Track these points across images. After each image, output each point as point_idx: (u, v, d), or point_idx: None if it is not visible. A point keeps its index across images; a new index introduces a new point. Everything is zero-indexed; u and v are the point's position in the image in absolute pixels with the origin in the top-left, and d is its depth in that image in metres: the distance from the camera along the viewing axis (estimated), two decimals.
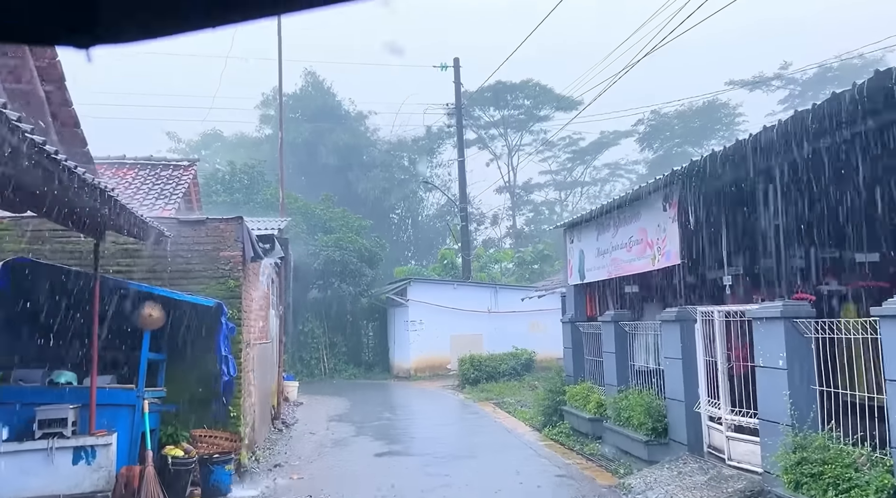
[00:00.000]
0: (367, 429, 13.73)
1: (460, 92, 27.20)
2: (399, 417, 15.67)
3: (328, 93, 45.89)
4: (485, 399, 17.86)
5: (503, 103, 51.86)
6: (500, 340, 26.15)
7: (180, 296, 8.44)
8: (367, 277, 28.48)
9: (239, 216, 9.63)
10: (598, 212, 11.10)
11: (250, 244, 9.50)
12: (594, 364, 11.83)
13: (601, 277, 11.41)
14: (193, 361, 9.26)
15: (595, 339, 11.71)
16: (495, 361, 21.86)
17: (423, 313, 26.83)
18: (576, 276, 12.47)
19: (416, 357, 26.70)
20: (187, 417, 9.20)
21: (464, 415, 15.54)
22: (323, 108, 44.43)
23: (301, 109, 44.60)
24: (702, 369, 8.18)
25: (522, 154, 55.38)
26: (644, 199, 9.63)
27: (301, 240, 26.99)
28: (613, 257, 10.77)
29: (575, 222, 12.25)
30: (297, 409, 17.60)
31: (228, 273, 9.52)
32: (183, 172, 15.99)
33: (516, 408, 15.75)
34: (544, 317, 27.63)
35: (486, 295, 27.80)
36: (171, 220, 9.52)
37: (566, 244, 13.02)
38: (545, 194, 57.68)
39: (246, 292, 9.81)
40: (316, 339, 28.06)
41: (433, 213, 52.67)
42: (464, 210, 27.63)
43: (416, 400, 19.50)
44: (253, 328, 11.01)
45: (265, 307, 12.86)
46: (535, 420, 13.50)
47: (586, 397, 11.48)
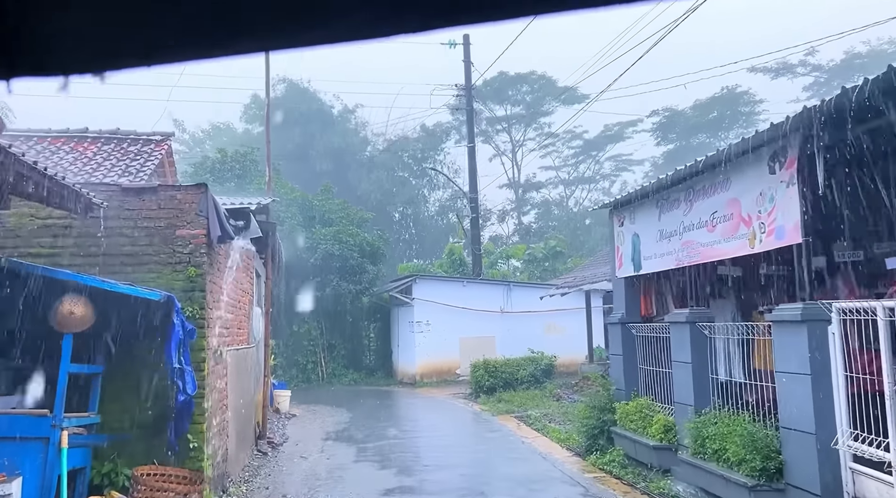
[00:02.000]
0: (370, 451, 11.39)
1: (470, 71, 24.89)
2: (408, 434, 13.32)
3: (311, 96, 44.08)
4: (504, 412, 15.51)
5: (505, 98, 49.70)
6: (513, 342, 23.86)
7: (114, 286, 6.10)
8: (369, 273, 26.14)
9: (202, 183, 7.31)
10: (663, 183, 8.76)
11: (217, 220, 7.18)
12: (654, 376, 9.49)
13: (666, 266, 9.08)
14: (140, 374, 6.94)
15: (655, 344, 9.38)
16: (512, 367, 19.50)
17: (430, 313, 24.52)
18: (627, 266, 10.13)
19: (421, 361, 24.37)
20: (131, 449, 6.87)
21: (484, 433, 13.20)
22: (308, 114, 42.66)
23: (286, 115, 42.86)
24: (840, 389, 5.84)
25: (526, 149, 53.31)
26: (736, 161, 7.29)
27: (297, 233, 24.67)
28: (686, 240, 8.43)
29: (627, 200, 9.90)
30: (288, 422, 15.26)
31: (188, 258, 7.19)
32: (154, 148, 13.65)
33: (544, 424, 13.41)
34: (562, 318, 25.36)
35: (498, 293, 25.47)
36: (110, 187, 7.19)
37: (613, 228, 10.68)
38: (550, 191, 55.53)
39: (212, 283, 7.48)
40: (313, 341, 25.74)
41: (436, 210, 50.55)
42: (474, 200, 25.30)
43: (426, 412, 17.16)
44: (226, 330, 8.68)
45: (245, 304, 10.54)
46: (575, 442, 11.16)
47: (646, 418, 9.14)
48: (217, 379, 7.85)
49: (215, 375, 7.78)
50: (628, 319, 10.18)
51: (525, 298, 25.44)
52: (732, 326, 7.78)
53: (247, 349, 10.62)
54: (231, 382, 8.93)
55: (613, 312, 10.66)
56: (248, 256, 10.97)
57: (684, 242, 8.49)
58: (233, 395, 9.05)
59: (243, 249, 9.60)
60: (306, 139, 41.18)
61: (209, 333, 7.30)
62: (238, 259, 9.39)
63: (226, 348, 8.59)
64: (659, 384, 9.35)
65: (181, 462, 6.98)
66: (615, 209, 10.53)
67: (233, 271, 8.92)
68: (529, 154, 53.43)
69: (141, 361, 6.91)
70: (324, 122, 43.32)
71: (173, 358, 6.36)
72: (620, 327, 10.23)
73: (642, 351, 9.93)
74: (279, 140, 42.16)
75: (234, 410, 9.08)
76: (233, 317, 9.30)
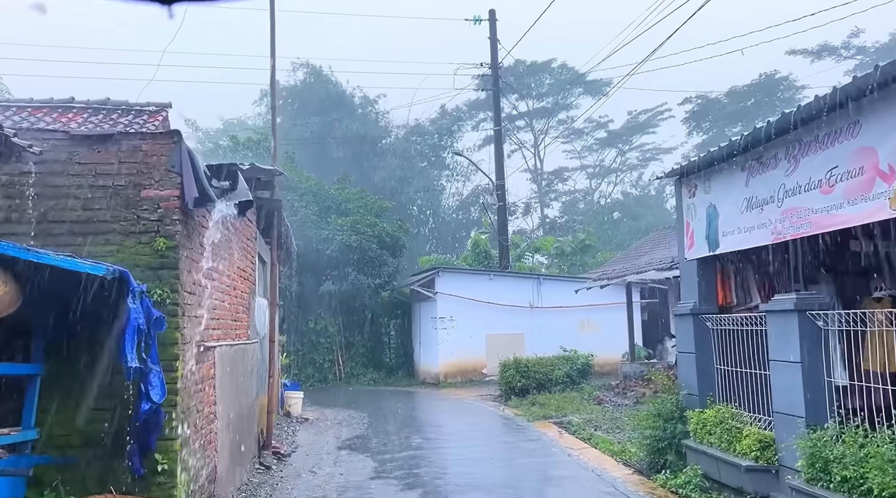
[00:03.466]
0: (391, 465, 9.75)
1: (497, 48, 23.12)
2: (433, 443, 11.66)
3: (331, 82, 42.92)
4: (541, 417, 13.78)
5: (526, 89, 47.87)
6: (544, 340, 22.15)
7: (38, 256, 4.50)
8: (389, 266, 24.53)
9: (173, 130, 5.69)
10: (756, 138, 6.97)
11: (194, 178, 5.56)
12: (738, 378, 7.72)
13: (756, 242, 7.31)
14: (92, 377, 5.34)
15: (740, 339, 7.62)
16: (545, 367, 17.74)
17: (454, 308, 22.84)
18: (700, 245, 8.36)
19: (445, 360, 22.71)
20: (81, 474, 5.29)
21: (521, 442, 11.48)
22: (328, 100, 41.60)
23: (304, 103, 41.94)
24: None
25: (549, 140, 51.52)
26: (870, 97, 5.52)
27: (312, 223, 23.13)
28: (789, 208, 6.66)
29: (701, 164, 8.11)
30: (300, 428, 13.69)
31: (156, 226, 5.59)
32: (148, 119, 12.12)
33: (590, 432, 11.66)
34: (597, 313, 23.55)
35: (527, 287, 23.71)
36: (53, 134, 5.60)
37: (682, 200, 8.90)
38: (574, 184, 53.67)
39: (190, 260, 5.86)
40: (329, 338, 24.18)
41: (456, 204, 48.97)
42: (500, 187, 23.55)
43: (452, 417, 15.48)
44: (215, 321, 7.08)
45: (244, 292, 8.94)
46: (633, 456, 9.42)
47: (731, 431, 7.38)
48: (198, 382, 6.24)
49: (196, 376, 6.17)
50: (702, 309, 8.40)
51: (556, 293, 23.69)
52: (854, 314, 5.98)
53: (246, 345, 9.02)
54: (222, 384, 7.32)
55: (682, 302, 8.88)
56: (248, 237, 9.38)
57: (786, 211, 6.71)
58: (224, 400, 7.45)
59: (238, 223, 8.00)
60: (324, 127, 39.96)
61: (184, 323, 5.68)
62: (231, 234, 7.79)
63: (215, 343, 6.98)
64: (745, 389, 7.58)
65: (147, 489, 5.39)
66: (684, 177, 8.75)
67: (224, 248, 7.31)
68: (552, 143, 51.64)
69: (94, 360, 5.32)
70: (343, 110, 42.08)
71: (129, 355, 4.76)
72: (692, 319, 8.45)
73: (721, 348, 8.16)
74: (297, 128, 41.16)
75: (225, 419, 7.47)
76: (226, 305, 7.70)
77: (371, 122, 44.77)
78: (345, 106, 43.26)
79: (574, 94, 48.52)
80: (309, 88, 42.74)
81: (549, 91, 48.33)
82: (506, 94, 45.97)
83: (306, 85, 43.07)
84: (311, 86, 42.92)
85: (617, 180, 52.73)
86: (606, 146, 51.65)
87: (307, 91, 42.36)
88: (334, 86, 43.33)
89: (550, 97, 46.19)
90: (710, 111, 43.01)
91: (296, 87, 42.99)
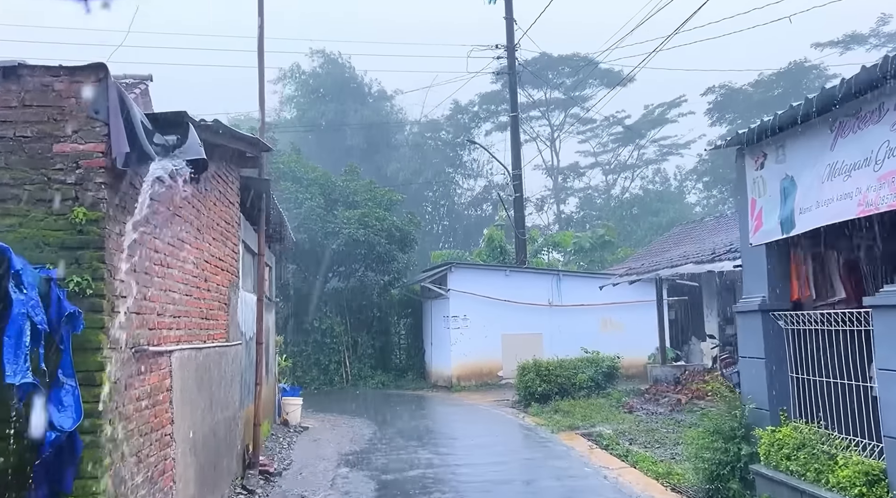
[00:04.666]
0: (397, 488, 8.32)
1: (513, 29, 21.62)
2: (446, 460, 10.20)
3: (346, 69, 41.83)
4: (566, 427, 12.29)
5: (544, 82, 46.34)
6: (563, 340, 20.64)
7: None
8: (399, 262, 23.10)
9: (97, 63, 4.26)
10: (847, 89, 5.46)
11: (126, 128, 4.15)
12: (824, 390, 6.21)
13: (838, 217, 5.83)
14: None
15: (826, 343, 6.11)
16: (568, 370, 16.23)
17: (468, 307, 21.40)
18: (771, 226, 6.85)
19: (458, 361, 21.27)
20: None
21: (547, 460, 9.98)
22: (343, 88, 40.53)
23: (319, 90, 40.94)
24: None
25: (565, 134, 49.98)
26: None
27: (317, 216, 21.76)
28: (890, 171, 5.15)
29: (772, 127, 6.58)
30: (297, 439, 12.29)
31: (74, 191, 4.18)
32: None
33: (625, 447, 10.16)
34: (620, 312, 22.00)
35: (546, 284, 22.20)
36: None
37: (744, 174, 7.38)
38: (590, 179, 52.06)
39: (121, 237, 4.44)
40: (336, 338, 22.80)
41: (469, 200, 47.62)
42: (517, 177, 22.03)
43: (466, 426, 14.01)
44: (175, 319, 5.68)
45: (221, 285, 7.52)
46: (683, 479, 7.91)
47: (820, 458, 5.88)
48: (140, 397, 4.83)
49: (136, 390, 4.76)
50: (773, 304, 6.88)
51: (577, 290, 22.17)
52: None
53: (223, 348, 7.62)
54: (184, 397, 5.91)
55: (746, 297, 7.35)
56: (228, 221, 7.97)
57: (886, 175, 5.21)
58: (187, 417, 6.04)
59: (212, 202, 6.58)
60: (338, 116, 38.78)
61: (114, 321, 4.27)
62: (201, 212, 6.37)
63: (171, 347, 5.57)
64: (834, 404, 6.07)
65: None
66: (749, 145, 7.22)
67: (187, 229, 5.90)
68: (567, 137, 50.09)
69: None
70: (357, 100, 40.99)
71: (8, 367, 3.34)
72: (761, 317, 6.94)
73: (798, 352, 6.64)
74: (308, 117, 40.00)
75: (188, 441, 6.06)
76: (192, 300, 6.29)
77: (386, 113, 43.63)
78: (359, 96, 42.15)
79: (591, 85, 46.92)
80: (324, 76, 41.55)
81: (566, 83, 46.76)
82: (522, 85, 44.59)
83: (323, 71, 41.86)
84: (327, 72, 41.73)
85: (634, 176, 51.05)
86: (623, 141, 50.00)
87: (322, 79, 41.20)
88: (349, 75, 42.16)
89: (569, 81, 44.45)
90: (734, 102, 41.18)
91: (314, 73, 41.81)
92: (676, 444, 10.23)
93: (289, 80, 43.03)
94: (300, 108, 42.72)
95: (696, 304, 19.85)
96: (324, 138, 38.45)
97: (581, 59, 45.64)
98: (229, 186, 8.11)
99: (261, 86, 9.30)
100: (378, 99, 43.76)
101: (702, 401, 13.90)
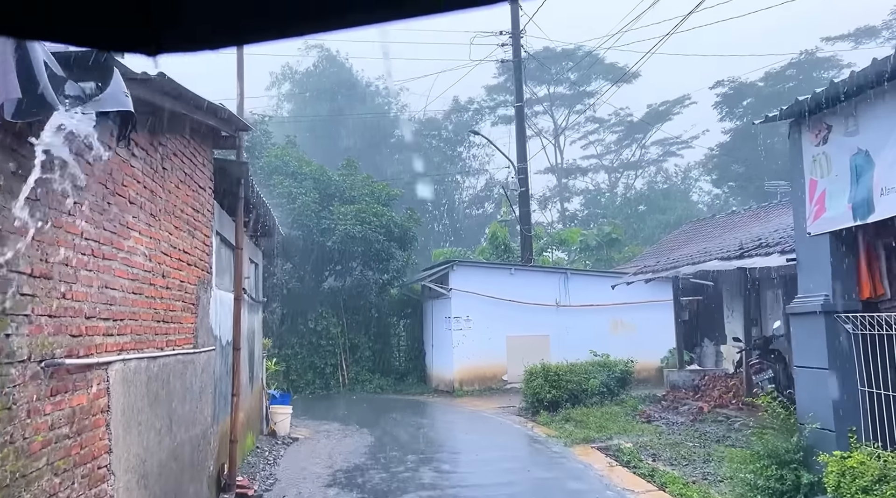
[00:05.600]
0: None
1: (518, 14, 20.52)
2: (449, 480, 9.09)
3: (345, 68, 40.97)
4: (580, 440, 11.18)
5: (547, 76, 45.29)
6: (571, 343, 19.54)
7: None
8: (398, 260, 21.98)
9: None
10: None
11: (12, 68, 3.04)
12: None
13: None
14: None
15: None
16: (579, 375, 15.11)
17: (471, 307, 20.30)
18: (838, 211, 5.75)
19: (460, 365, 20.15)
20: None
21: (562, 481, 8.87)
22: (341, 86, 39.64)
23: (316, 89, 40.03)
24: None
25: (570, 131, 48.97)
26: None
27: (312, 212, 20.66)
28: None
29: (839, 94, 5.48)
30: (285, 452, 11.19)
31: None
32: None
33: (650, 465, 9.06)
34: (631, 313, 20.89)
35: (553, 283, 21.09)
36: None
37: (800, 151, 6.27)
38: (594, 177, 51.06)
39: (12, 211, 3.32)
40: (332, 340, 21.69)
41: (470, 198, 46.64)
42: (523, 171, 20.91)
43: (471, 437, 12.89)
44: (117, 322, 4.58)
45: (187, 282, 6.42)
46: None
47: None
48: (54, 425, 3.73)
49: (49, 416, 3.66)
50: (839, 305, 5.78)
51: (585, 289, 21.05)
52: None
53: (188, 357, 6.52)
54: (127, 420, 4.81)
55: (803, 295, 6.25)
56: (197, 207, 6.87)
57: None
58: (133, 442, 4.94)
59: (168, 180, 5.47)
60: (335, 116, 37.89)
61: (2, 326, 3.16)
62: (152, 189, 5.26)
63: (108, 358, 4.47)
64: None
65: None
66: (807, 116, 6.11)
67: (128, 208, 4.80)
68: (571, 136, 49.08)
69: None
70: (355, 97, 40.09)
71: None
72: (823, 320, 5.83)
73: (871, 362, 5.54)
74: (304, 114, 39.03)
75: (135, 471, 4.96)
76: (142, 299, 5.20)
77: (385, 112, 42.73)
78: (357, 94, 41.26)
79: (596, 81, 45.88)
80: (321, 74, 40.70)
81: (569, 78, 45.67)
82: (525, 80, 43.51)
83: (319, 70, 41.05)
84: (323, 71, 40.89)
85: (638, 174, 49.99)
86: (627, 139, 48.96)
87: (319, 77, 40.39)
88: (347, 72, 41.34)
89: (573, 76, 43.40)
90: (744, 96, 40.01)
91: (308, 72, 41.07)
92: (707, 461, 9.14)
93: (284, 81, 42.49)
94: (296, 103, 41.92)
95: (710, 304, 18.74)
96: (320, 139, 37.54)
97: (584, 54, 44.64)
98: (198, 168, 7.01)
99: (239, 55, 8.18)
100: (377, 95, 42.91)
101: (725, 409, 12.82)
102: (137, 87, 4.22)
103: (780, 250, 9.78)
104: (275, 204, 20.52)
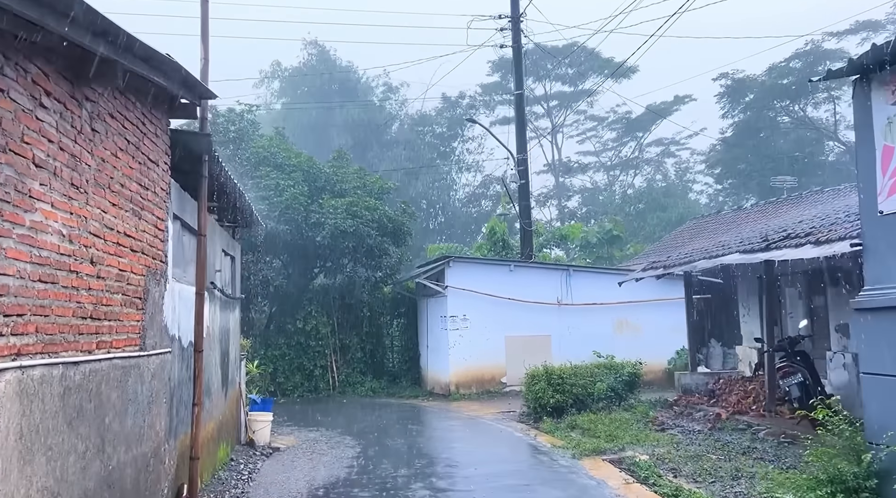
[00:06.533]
0: None
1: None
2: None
3: (336, 65, 40.10)
4: (590, 451, 10.10)
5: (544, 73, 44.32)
6: (574, 343, 18.65)
7: None
8: (391, 257, 20.88)
9: None
10: None
11: None
12: None
13: None
14: None
15: None
16: (584, 378, 14.04)
17: (468, 305, 19.26)
18: None
19: (457, 367, 19.11)
20: None
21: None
22: (332, 83, 38.76)
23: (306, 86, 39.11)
24: None
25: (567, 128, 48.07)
26: None
27: (301, 205, 19.56)
28: None
29: None
30: (262, 465, 10.09)
31: None
32: None
33: (672, 482, 7.99)
34: (637, 312, 19.87)
35: (554, 281, 20.06)
36: None
37: (869, 113, 5.22)
38: (592, 176, 50.15)
39: None
40: (321, 340, 20.59)
41: (466, 196, 45.65)
42: (523, 162, 19.86)
43: (469, 448, 11.77)
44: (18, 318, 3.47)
45: (131, 271, 5.31)
46: None
47: None
48: None
49: None
50: None
51: (588, 287, 20.03)
52: None
53: (129, 361, 5.42)
54: (27, 444, 3.73)
55: (872, 287, 5.19)
56: (146, 184, 5.77)
57: None
58: (38, 472, 3.86)
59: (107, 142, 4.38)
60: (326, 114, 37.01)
61: None
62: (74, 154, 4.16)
63: (6, 364, 3.38)
64: None
65: None
66: (877, 72, 5.04)
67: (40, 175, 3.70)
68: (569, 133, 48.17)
69: None
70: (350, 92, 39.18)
71: None
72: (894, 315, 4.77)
73: None
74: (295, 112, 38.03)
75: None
76: (59, 291, 4.12)
77: (377, 109, 41.72)
78: (350, 90, 40.34)
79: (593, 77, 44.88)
80: (312, 71, 39.73)
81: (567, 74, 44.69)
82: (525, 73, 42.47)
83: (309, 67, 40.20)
84: (313, 68, 39.94)
85: (637, 172, 49.08)
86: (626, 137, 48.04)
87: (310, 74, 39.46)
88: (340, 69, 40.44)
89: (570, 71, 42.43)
90: (748, 89, 38.97)
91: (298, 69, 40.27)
92: (735, 477, 8.07)
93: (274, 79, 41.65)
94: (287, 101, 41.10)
95: (720, 302, 17.73)
96: (311, 137, 36.57)
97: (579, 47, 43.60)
98: (148, 138, 5.91)
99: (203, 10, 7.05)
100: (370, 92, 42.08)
101: (745, 416, 11.76)
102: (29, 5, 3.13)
103: (813, 241, 8.74)
104: (261, 197, 19.45)
